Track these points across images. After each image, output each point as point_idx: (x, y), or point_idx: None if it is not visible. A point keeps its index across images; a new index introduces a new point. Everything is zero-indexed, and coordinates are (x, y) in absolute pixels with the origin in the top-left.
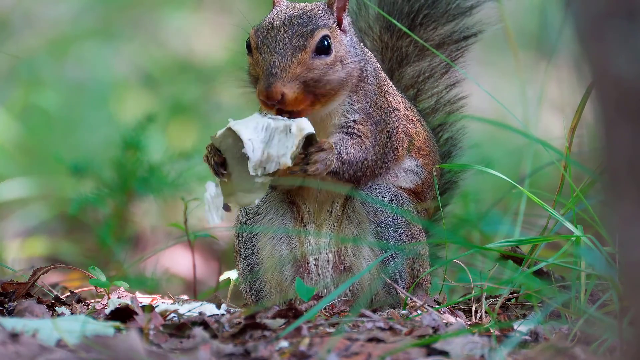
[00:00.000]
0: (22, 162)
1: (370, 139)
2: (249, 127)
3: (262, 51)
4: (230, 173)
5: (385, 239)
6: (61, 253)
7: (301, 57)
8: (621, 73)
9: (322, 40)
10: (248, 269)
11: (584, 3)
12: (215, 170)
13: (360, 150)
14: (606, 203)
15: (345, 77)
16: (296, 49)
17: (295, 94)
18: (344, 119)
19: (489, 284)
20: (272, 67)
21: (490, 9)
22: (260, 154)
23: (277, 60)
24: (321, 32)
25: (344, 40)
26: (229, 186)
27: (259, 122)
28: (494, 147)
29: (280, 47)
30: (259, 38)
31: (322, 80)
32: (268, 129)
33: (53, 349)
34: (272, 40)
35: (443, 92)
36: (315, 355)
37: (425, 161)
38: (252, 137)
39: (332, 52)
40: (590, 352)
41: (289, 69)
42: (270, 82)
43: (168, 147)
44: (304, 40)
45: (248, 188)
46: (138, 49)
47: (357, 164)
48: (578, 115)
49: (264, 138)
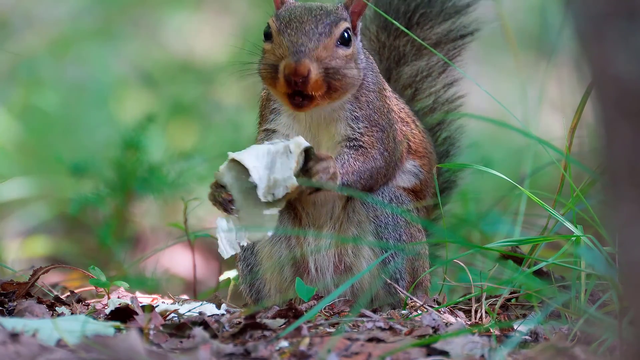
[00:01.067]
0: (22, 162)
1: (377, 146)
2: (251, 155)
3: (287, 34)
4: (238, 209)
5: (385, 238)
6: (61, 253)
7: (327, 42)
8: (621, 73)
9: (345, 31)
10: (247, 270)
11: (584, 3)
12: (225, 207)
13: (365, 161)
14: (606, 203)
15: (357, 75)
16: (322, 34)
17: (318, 76)
18: (350, 130)
19: (489, 284)
20: (300, 45)
21: (487, 7)
22: (267, 179)
23: (305, 40)
24: (344, 24)
25: (356, 43)
26: (239, 222)
27: (259, 149)
28: (494, 147)
29: (307, 31)
30: (281, 24)
31: (340, 72)
32: (269, 154)
33: (53, 349)
34: (297, 24)
35: (441, 91)
36: (315, 355)
37: (423, 162)
38: (256, 164)
39: (351, 46)
40: (590, 352)
41: (316, 50)
42: (299, 57)
43: (168, 147)
44: (330, 28)
45: (258, 221)
46: (138, 49)
47: (365, 172)
48: (578, 115)
49: (267, 164)
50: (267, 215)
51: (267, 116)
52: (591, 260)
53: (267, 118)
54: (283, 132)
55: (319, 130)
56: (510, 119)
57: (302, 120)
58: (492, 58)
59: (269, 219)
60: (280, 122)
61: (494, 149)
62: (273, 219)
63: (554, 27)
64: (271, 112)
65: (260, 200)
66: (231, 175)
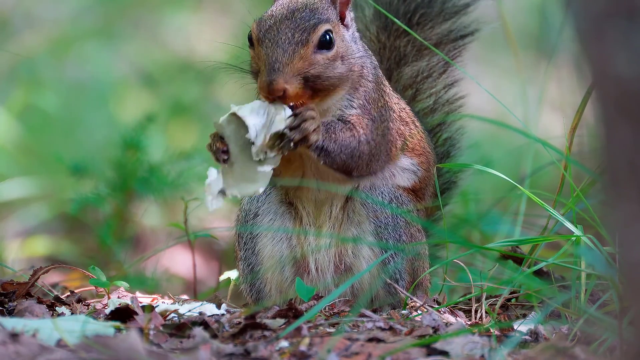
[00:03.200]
0: (22, 162)
1: (365, 130)
2: (252, 111)
3: (264, 45)
4: (233, 162)
5: (385, 239)
6: (61, 253)
7: (303, 52)
8: (621, 73)
9: (325, 34)
10: (248, 270)
11: (584, 3)
12: (217, 156)
13: (351, 137)
14: (606, 203)
15: (345, 72)
16: (298, 43)
17: (296, 90)
18: (340, 112)
19: (489, 284)
20: (274, 62)
21: (487, 8)
22: (263, 138)
23: (279, 54)
24: (324, 26)
25: (345, 36)
26: (232, 176)
27: (261, 106)
28: (494, 147)
29: (283, 42)
30: (260, 32)
31: (322, 77)
32: (269, 113)
33: (53, 349)
34: (274, 34)
35: (441, 92)
36: (315, 355)
37: (420, 159)
38: (255, 122)
39: (333, 47)
40: (590, 352)
41: (290, 64)
42: (272, 78)
43: (168, 147)
44: (307, 35)
45: (251, 177)
46: (138, 49)
47: (347, 148)
48: (578, 115)
49: (265, 122)
50: (261, 172)
51: None
52: (591, 260)
53: None
54: None
55: None
56: (511, 119)
57: None
58: (492, 58)
59: (262, 175)
60: None
61: (494, 149)
62: (266, 176)
63: (554, 27)
64: None
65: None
66: (230, 129)
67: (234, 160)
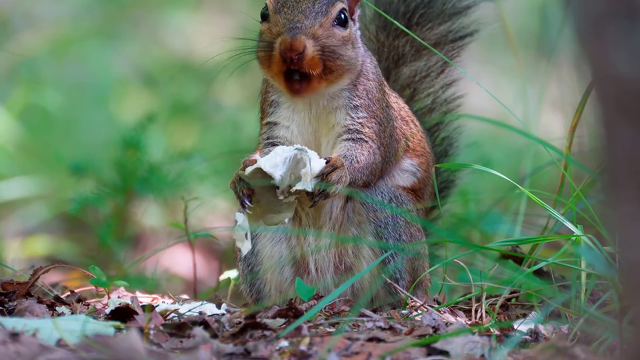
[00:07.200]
0: (22, 162)
1: (375, 140)
2: (278, 164)
3: (283, 12)
4: (258, 201)
5: (385, 238)
6: (61, 253)
7: (324, 21)
8: (621, 73)
9: (341, 12)
10: (248, 270)
11: (584, 3)
12: (242, 201)
13: (368, 155)
14: (606, 203)
15: (354, 58)
16: (319, 12)
17: (313, 53)
18: (349, 119)
19: (489, 284)
20: (297, 22)
21: (487, 9)
22: (287, 182)
23: (301, 17)
24: (340, 4)
25: (353, 28)
26: (257, 211)
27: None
28: (494, 146)
29: (304, 9)
30: (278, 3)
31: (337, 52)
32: (293, 159)
33: (53, 349)
34: (293, 3)
35: (439, 92)
36: (315, 354)
37: (421, 160)
38: (281, 173)
39: (347, 28)
40: (590, 352)
41: (312, 27)
42: (295, 32)
43: (168, 147)
44: (326, 7)
45: (277, 209)
46: (138, 49)
47: (367, 168)
48: (578, 115)
49: (289, 168)
50: (286, 203)
51: (266, 110)
52: (591, 260)
53: (267, 111)
54: (284, 125)
55: (318, 122)
56: (511, 119)
57: (301, 112)
58: (492, 58)
59: (287, 206)
60: (280, 114)
61: (494, 148)
62: (291, 206)
63: (554, 27)
64: (270, 105)
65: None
66: (256, 177)
67: (259, 199)
